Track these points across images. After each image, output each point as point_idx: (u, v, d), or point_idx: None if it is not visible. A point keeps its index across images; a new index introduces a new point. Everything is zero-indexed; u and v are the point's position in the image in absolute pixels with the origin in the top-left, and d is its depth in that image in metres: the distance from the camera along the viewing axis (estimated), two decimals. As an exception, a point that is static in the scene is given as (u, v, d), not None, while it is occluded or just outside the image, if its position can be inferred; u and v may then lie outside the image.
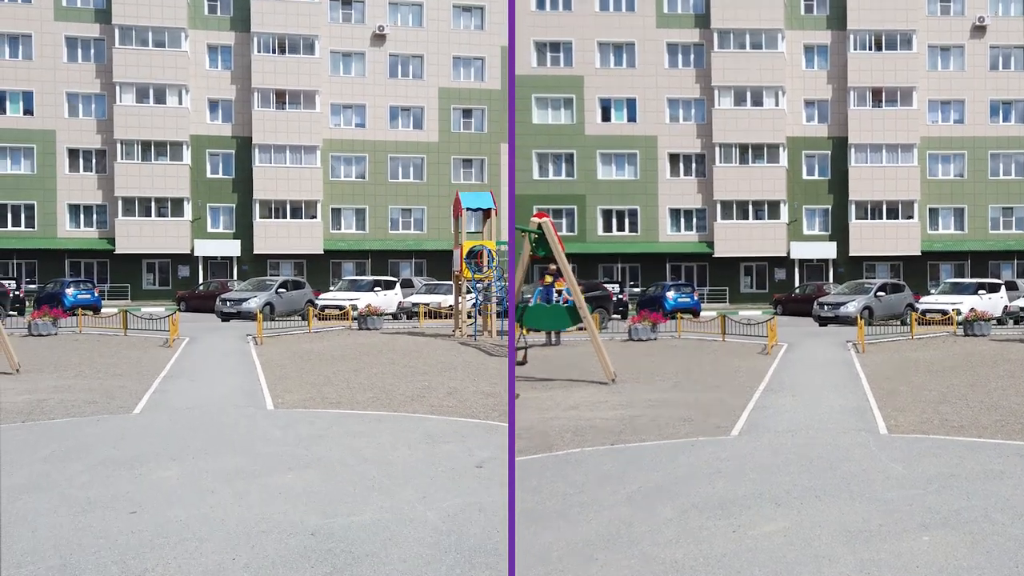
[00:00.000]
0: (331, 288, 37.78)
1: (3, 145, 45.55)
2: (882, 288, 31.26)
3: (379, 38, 48.79)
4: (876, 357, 20.11)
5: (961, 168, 47.53)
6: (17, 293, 38.37)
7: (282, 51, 47.55)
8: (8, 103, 45.82)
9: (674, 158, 47.79)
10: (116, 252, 45.94)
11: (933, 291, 34.98)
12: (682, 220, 47.78)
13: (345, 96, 48.67)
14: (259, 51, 47.31)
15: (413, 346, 22.13)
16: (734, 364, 19.59)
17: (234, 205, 47.67)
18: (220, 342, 24.73)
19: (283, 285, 34.26)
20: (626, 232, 47.80)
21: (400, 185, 49.47)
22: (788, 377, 17.20)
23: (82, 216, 46.31)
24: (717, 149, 46.88)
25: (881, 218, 46.66)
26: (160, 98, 46.38)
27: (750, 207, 46.90)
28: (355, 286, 34.72)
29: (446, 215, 49.83)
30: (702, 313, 35.96)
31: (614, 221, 47.70)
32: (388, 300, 33.56)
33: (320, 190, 47.94)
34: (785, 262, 47.64)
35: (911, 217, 46.70)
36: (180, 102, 46.63)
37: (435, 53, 49.61)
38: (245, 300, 32.68)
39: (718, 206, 47.07)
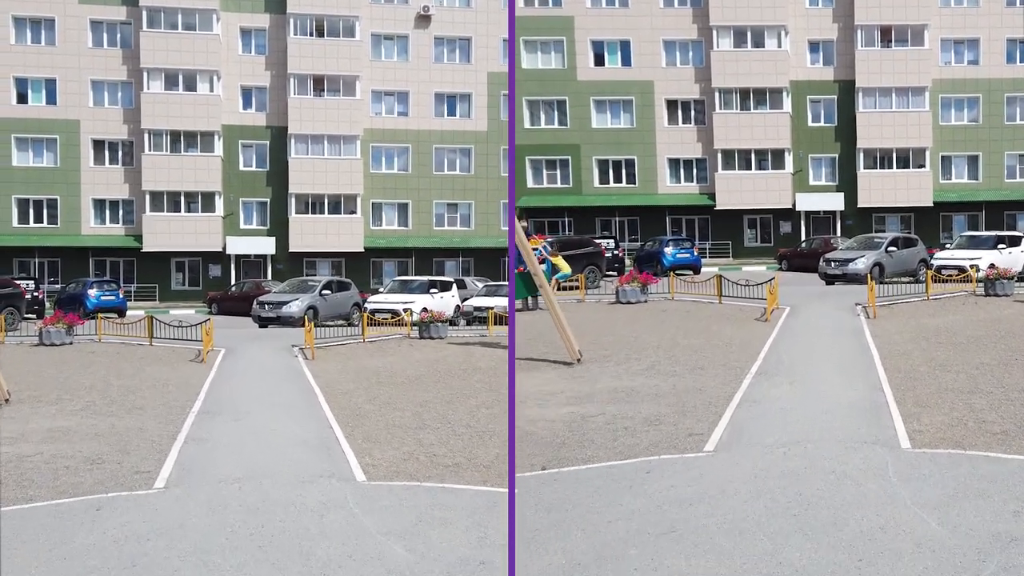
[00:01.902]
0: (380, 289, 33.39)
1: (24, 136, 42.29)
2: (893, 242, 28.68)
3: (424, 19, 45.01)
4: (889, 324, 17.36)
5: (975, 113, 44.46)
6: (35, 294, 34.49)
7: (320, 34, 43.83)
8: (30, 91, 42.51)
9: (672, 104, 44.91)
10: (143, 250, 42.66)
11: (948, 245, 32.35)
12: (682, 170, 45.11)
13: (387, 82, 45.03)
14: (295, 34, 43.62)
15: (500, 363, 17.48)
16: (727, 334, 16.63)
17: (268, 200, 44.29)
18: (262, 355, 20.28)
19: (327, 286, 29.99)
20: (623, 184, 45.08)
21: (446, 178, 45.72)
22: (787, 353, 14.18)
23: (107, 211, 43.14)
24: (717, 94, 44.12)
25: (891, 167, 43.99)
26: (190, 85, 42.89)
27: (753, 156, 44.23)
28: (407, 287, 30.30)
29: (495, 210, 45.67)
30: (704, 269, 33.74)
31: (611, 172, 45.11)
32: (445, 303, 29.10)
33: (360, 183, 44.36)
34: (791, 214, 44.72)
35: (922, 166, 43.88)
36: (211, 89, 43.15)
37: (484, 35, 45.58)
38: (286, 303, 28.43)
39: (719, 155, 44.35)
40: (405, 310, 27.01)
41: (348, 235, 44.19)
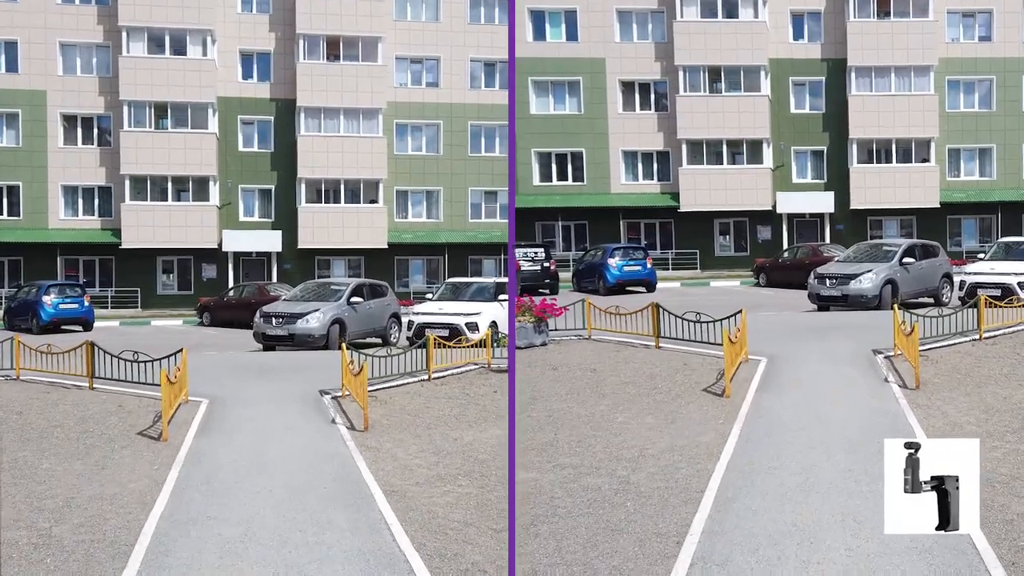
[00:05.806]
0: (427, 296, 26.25)
1: (-19, 111, 38.32)
2: (909, 252, 22.10)
3: (458, -28, 41.36)
4: (949, 404, 10.44)
5: (988, 98, 40.83)
6: (-28, 303, 26.91)
7: (335, -12, 40.38)
8: (-12, 58, 38.92)
9: (628, 87, 40.53)
10: (123, 247, 38.26)
11: (982, 256, 27.29)
12: (640, 166, 40.89)
13: (415, 46, 40.50)
14: (305, -13, 39.97)
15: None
16: (638, 443, 9.19)
17: (273, 187, 40.09)
18: (272, 420, 11.43)
19: (357, 291, 21.94)
20: (569, 181, 40.76)
21: (483, 161, 40.96)
22: (760, 545, 6.51)
23: (80, 201, 39.00)
24: (681, 74, 39.80)
25: (889, 161, 40.49)
26: (179, 48, 38.66)
27: (724, 148, 40.21)
28: (464, 293, 22.27)
29: (540, 198, 41.61)
30: (662, 285, 30.17)
31: (554, 167, 40.84)
32: (517, 314, 20.77)
33: (383, 167, 39.60)
34: (770, 217, 40.73)
35: (927, 160, 40.29)
36: (205, 53, 38.72)
37: (526, -7, 42.14)
38: (302, 316, 20.38)
39: (684, 147, 39.95)
40: (469, 325, 19.07)
41: (368, 228, 39.55)
